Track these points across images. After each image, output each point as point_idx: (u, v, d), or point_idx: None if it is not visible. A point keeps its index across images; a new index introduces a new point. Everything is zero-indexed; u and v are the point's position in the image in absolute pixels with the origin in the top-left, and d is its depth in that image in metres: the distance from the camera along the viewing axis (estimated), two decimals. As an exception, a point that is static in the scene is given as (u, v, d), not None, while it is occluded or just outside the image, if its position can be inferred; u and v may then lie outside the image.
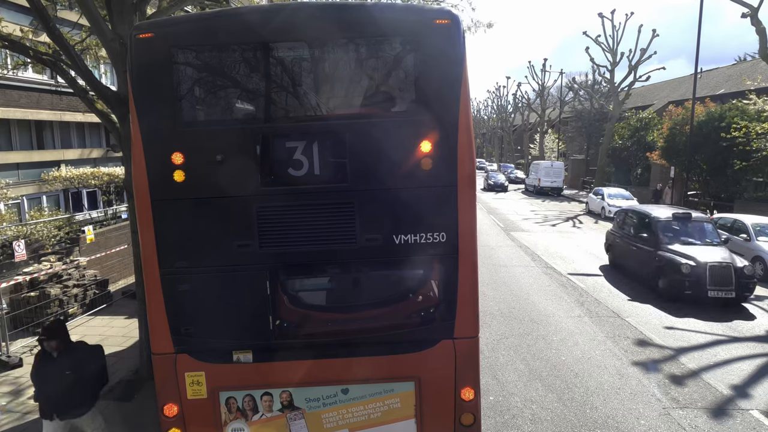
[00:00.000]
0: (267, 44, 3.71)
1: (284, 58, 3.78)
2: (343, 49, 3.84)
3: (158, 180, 3.73)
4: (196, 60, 3.79)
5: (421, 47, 3.70)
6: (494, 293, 11.43)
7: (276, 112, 3.85)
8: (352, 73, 3.89)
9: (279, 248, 3.82)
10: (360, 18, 3.70)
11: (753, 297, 11.62)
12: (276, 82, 3.80)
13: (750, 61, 36.54)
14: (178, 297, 3.87)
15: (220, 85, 3.87)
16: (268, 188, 3.76)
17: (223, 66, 3.83)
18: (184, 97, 3.75)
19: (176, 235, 3.81)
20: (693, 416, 6.29)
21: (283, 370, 3.98)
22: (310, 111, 3.87)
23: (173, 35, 3.71)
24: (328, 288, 4.15)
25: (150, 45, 3.66)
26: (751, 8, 16.65)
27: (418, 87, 3.74)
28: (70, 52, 6.33)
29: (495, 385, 7.08)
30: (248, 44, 3.71)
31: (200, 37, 3.73)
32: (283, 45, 3.74)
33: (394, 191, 3.78)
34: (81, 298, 10.12)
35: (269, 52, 3.75)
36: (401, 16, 3.70)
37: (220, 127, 3.83)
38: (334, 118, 3.86)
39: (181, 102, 3.73)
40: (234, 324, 3.95)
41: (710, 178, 23.47)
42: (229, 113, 3.94)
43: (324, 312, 4.12)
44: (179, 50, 3.70)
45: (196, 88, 3.84)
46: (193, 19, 3.93)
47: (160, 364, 3.97)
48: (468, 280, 3.92)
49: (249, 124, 3.84)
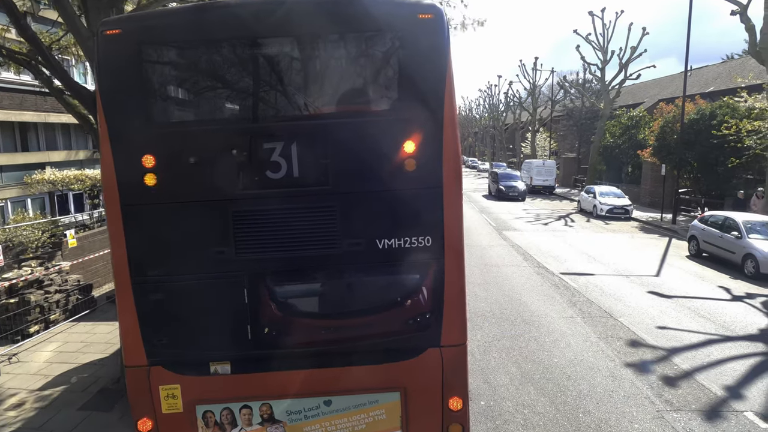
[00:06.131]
0: (241, 40, 3.54)
1: (259, 55, 3.60)
2: (322, 45, 3.67)
3: (128, 184, 3.54)
4: (167, 57, 3.61)
5: (404, 43, 3.54)
6: (486, 294, 11.30)
7: (252, 111, 3.67)
8: (331, 70, 3.72)
9: (257, 254, 3.64)
10: (339, 12, 3.52)
11: (745, 295, 11.61)
12: (251, 80, 3.62)
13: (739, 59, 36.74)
14: (151, 306, 3.69)
15: (193, 83, 3.69)
16: (244, 192, 3.59)
17: (195, 64, 3.64)
18: (154, 96, 3.56)
19: (148, 241, 3.62)
20: (687, 419, 6.18)
21: (263, 381, 3.81)
22: (287, 110, 3.70)
23: (142, 31, 3.53)
24: (309, 295, 3.97)
25: (117, 41, 3.47)
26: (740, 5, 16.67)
27: (401, 84, 3.58)
28: (43, 51, 6.11)
29: (486, 389, 6.94)
30: (221, 41, 3.52)
31: (171, 33, 3.55)
32: (257, 41, 3.55)
33: (376, 194, 3.63)
34: (63, 303, 9.86)
35: (243, 49, 3.57)
36: (382, 11, 3.53)
37: (193, 128, 3.64)
38: (313, 118, 3.69)
39: (151, 102, 3.54)
40: (211, 334, 3.77)
41: (701, 175, 23.53)
42: (202, 113, 3.76)
43: (305, 320, 3.94)
44: (149, 47, 3.51)
45: (167, 86, 3.65)
46: (164, 14, 3.74)
47: (134, 377, 3.78)
48: (455, 286, 3.77)
49: (223, 124, 3.66)
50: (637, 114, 33.16)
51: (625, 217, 24.04)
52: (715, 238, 14.90)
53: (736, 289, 12.14)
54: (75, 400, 6.82)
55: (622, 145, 32.29)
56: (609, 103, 33.62)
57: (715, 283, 12.75)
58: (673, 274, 13.56)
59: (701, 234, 15.62)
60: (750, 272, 13.21)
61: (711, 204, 22.24)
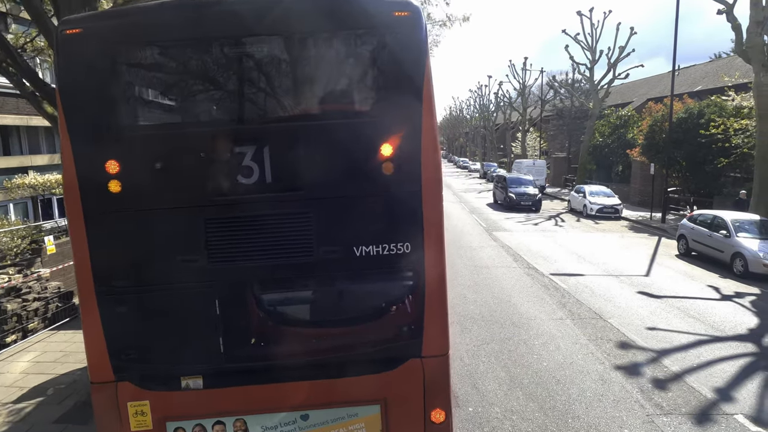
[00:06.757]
0: (209, 40, 3.37)
1: (228, 55, 3.44)
2: (295, 44, 3.50)
3: (91, 191, 3.37)
4: (131, 58, 3.43)
5: (379, 41, 3.40)
6: (475, 296, 11.18)
7: (222, 114, 3.51)
8: (304, 70, 3.56)
9: (228, 263, 3.48)
10: (312, 11, 3.37)
11: (734, 295, 11.60)
12: (220, 81, 3.45)
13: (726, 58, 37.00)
14: (117, 319, 3.51)
15: (158, 85, 3.52)
16: (214, 198, 3.42)
17: (160, 64, 3.48)
18: (118, 98, 3.38)
19: (114, 251, 3.44)
20: (677, 423, 6.09)
21: (237, 395, 3.64)
22: (259, 112, 3.53)
23: (104, 30, 3.34)
24: (284, 305, 3.81)
25: (78, 41, 3.29)
26: (726, 5, 16.72)
27: (377, 84, 3.44)
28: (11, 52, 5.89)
29: (475, 394, 6.81)
30: (188, 40, 3.36)
31: (135, 32, 3.37)
32: (226, 40, 3.39)
33: (353, 199, 3.48)
34: (42, 312, 9.61)
35: (212, 49, 3.41)
36: (357, 8, 3.38)
37: (160, 131, 3.47)
38: (286, 120, 3.53)
39: (114, 104, 3.36)
40: (181, 347, 3.59)
41: (690, 174, 23.62)
42: (168, 116, 3.59)
43: (280, 331, 3.78)
44: (112, 47, 3.33)
45: (131, 88, 3.47)
46: (127, 13, 3.56)
47: (100, 394, 3.60)
48: (436, 294, 3.63)
49: (191, 127, 3.49)
50: (626, 113, 33.30)
51: (615, 216, 24.08)
52: (704, 237, 14.91)
53: (725, 289, 12.12)
54: (51, 413, 6.58)
55: (611, 145, 32.39)
56: (598, 102, 33.71)
57: (705, 282, 12.73)
58: (662, 274, 13.53)
59: (690, 233, 15.63)
60: (739, 271, 13.21)
61: (700, 202, 22.33)
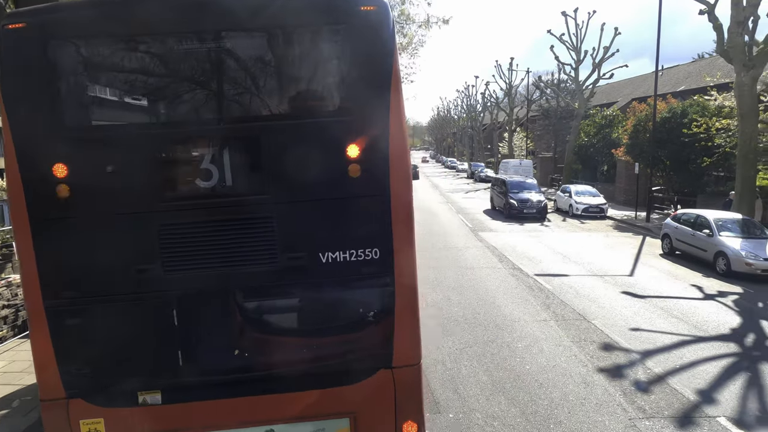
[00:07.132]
0: (164, 36, 3.18)
1: (185, 52, 3.25)
2: (255, 40, 3.33)
3: (37, 196, 3.16)
4: (80, 54, 3.23)
5: (345, 37, 3.23)
6: (459, 298, 11.06)
7: (177, 114, 3.32)
8: (265, 68, 3.39)
9: (187, 272, 3.29)
10: (272, 4, 3.20)
11: (717, 294, 11.61)
12: (174, 79, 3.27)
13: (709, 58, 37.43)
14: (67, 332, 3.31)
15: (110, 83, 3.32)
16: (170, 203, 3.23)
17: (113, 61, 3.28)
18: (65, 98, 3.18)
19: (62, 259, 3.24)
20: (660, 427, 6.00)
21: (198, 411, 3.45)
22: (217, 113, 3.34)
23: (50, 25, 3.14)
24: (247, 315, 3.62)
25: (22, 36, 3.08)
26: (707, 5, 16.81)
27: (343, 82, 3.28)
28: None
29: (456, 400, 6.67)
30: (138, 36, 3.16)
31: (84, 27, 3.17)
32: (182, 36, 3.20)
33: (317, 203, 3.31)
34: (12, 319, 9.28)
35: (167, 45, 3.22)
36: (320, 1, 3.22)
37: (110, 132, 3.27)
38: (246, 120, 3.35)
39: (62, 104, 3.16)
40: (137, 361, 3.40)
41: (673, 173, 23.78)
42: (120, 116, 3.39)
43: (243, 343, 3.59)
44: (58, 42, 3.13)
45: (80, 87, 3.27)
46: (76, 6, 3.35)
47: (50, 412, 3.39)
48: (406, 301, 3.47)
49: (145, 129, 3.30)
50: (611, 113, 33.49)
51: (601, 215, 24.16)
52: (687, 236, 14.96)
53: (708, 288, 12.14)
54: (16, 426, 6.32)
55: (596, 144, 32.55)
56: (583, 102, 33.89)
57: (688, 281, 12.75)
58: (646, 273, 13.53)
59: (674, 232, 15.68)
60: (722, 270, 13.25)
61: (684, 201, 22.49)
